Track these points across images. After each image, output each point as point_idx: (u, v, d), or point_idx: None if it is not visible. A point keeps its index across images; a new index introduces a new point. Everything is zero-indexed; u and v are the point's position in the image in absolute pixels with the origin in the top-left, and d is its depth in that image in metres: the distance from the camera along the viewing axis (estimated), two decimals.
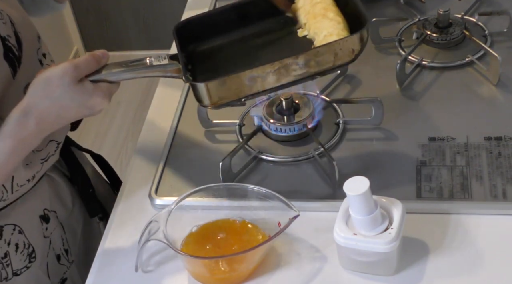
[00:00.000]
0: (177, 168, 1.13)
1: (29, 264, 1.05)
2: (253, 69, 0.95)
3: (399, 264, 0.92)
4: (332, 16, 1.02)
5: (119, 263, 1.01)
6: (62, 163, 1.13)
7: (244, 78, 0.95)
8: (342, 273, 0.94)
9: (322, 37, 1.00)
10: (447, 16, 1.27)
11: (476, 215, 0.98)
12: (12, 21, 0.98)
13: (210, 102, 0.97)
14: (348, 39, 0.96)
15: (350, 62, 0.98)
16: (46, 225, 1.08)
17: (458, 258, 0.94)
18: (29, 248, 1.05)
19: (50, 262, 1.09)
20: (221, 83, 0.96)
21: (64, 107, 0.91)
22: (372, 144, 1.12)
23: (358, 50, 0.96)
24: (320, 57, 0.95)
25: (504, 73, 1.18)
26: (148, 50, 3.06)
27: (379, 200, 0.91)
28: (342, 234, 0.89)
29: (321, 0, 1.05)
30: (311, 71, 0.96)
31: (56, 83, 0.89)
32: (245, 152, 1.12)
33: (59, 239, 1.11)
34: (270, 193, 0.97)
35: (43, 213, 1.08)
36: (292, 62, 0.95)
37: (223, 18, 1.01)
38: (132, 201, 1.10)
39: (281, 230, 0.92)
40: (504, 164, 1.04)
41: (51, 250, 1.09)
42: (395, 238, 0.88)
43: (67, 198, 1.14)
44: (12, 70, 0.96)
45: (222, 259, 0.94)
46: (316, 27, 1.02)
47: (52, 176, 1.10)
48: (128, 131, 2.78)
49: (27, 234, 1.04)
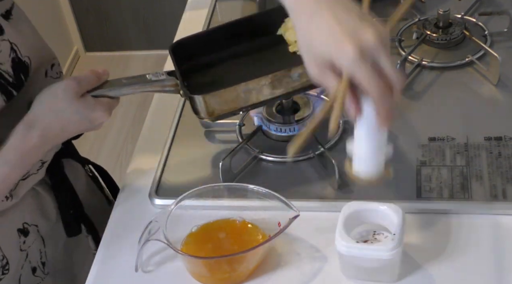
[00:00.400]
0: (177, 168, 1.13)
1: (1, 276, 1.03)
2: (248, 82, 0.99)
3: (401, 270, 0.92)
4: None
5: (119, 263, 1.01)
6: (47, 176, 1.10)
7: (240, 90, 0.99)
8: (341, 274, 0.94)
9: None
10: (447, 16, 1.27)
11: (476, 215, 0.98)
12: (14, 48, 0.98)
13: (207, 114, 1.01)
14: None
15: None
16: (24, 238, 1.06)
17: (458, 259, 0.94)
18: (3, 260, 1.02)
19: (24, 274, 1.06)
20: (218, 96, 1.00)
21: (67, 121, 0.95)
22: None
23: None
24: None
25: (504, 73, 1.18)
26: (148, 50, 3.06)
27: (379, 206, 0.91)
28: (344, 242, 0.89)
29: None
30: (304, 84, 1.00)
31: (60, 98, 0.94)
32: (245, 152, 1.12)
33: (37, 252, 1.08)
34: (270, 193, 0.97)
35: (22, 226, 1.05)
36: (285, 74, 0.98)
37: (216, 37, 1.05)
38: (132, 201, 1.10)
39: (281, 230, 0.92)
40: (504, 164, 1.04)
41: (27, 262, 1.07)
42: (397, 244, 0.87)
43: (51, 211, 1.10)
44: (4, 96, 0.95)
45: (222, 259, 0.94)
46: None
47: (37, 190, 1.08)
48: (128, 132, 2.78)
49: (2, 246, 1.02)
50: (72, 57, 3.15)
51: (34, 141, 0.93)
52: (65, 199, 1.11)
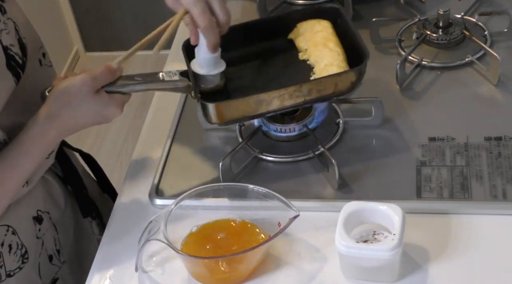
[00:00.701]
0: (177, 168, 1.13)
1: (22, 265, 1.05)
2: (260, 94, 1.03)
3: (401, 270, 0.92)
4: (332, 47, 1.09)
5: (119, 263, 1.01)
6: (55, 164, 1.14)
7: (252, 101, 1.03)
8: (341, 274, 0.94)
9: (323, 66, 1.07)
10: (447, 16, 1.27)
11: (476, 215, 0.99)
12: (17, 29, 1.01)
13: (217, 120, 1.05)
14: (349, 73, 1.05)
15: (348, 91, 1.06)
16: (39, 226, 1.08)
17: (458, 259, 0.94)
18: (22, 249, 1.05)
19: (42, 262, 1.09)
20: (229, 105, 1.04)
21: (81, 115, 0.99)
22: (372, 144, 1.12)
23: (356, 82, 1.05)
24: (322, 86, 1.04)
25: (504, 73, 1.18)
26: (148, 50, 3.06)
27: (379, 206, 0.91)
28: (344, 242, 0.89)
29: (322, 29, 1.13)
30: (312, 98, 1.04)
31: (75, 93, 0.97)
32: (245, 152, 1.12)
33: (51, 239, 1.11)
34: (270, 193, 0.97)
35: (37, 214, 1.08)
36: (296, 89, 1.03)
37: (228, 37, 1.05)
38: (132, 201, 1.10)
39: (281, 230, 0.92)
40: (504, 164, 1.04)
41: (43, 250, 1.10)
42: (397, 244, 0.87)
43: (60, 199, 1.14)
44: (15, 78, 0.99)
45: (222, 259, 0.94)
46: (316, 55, 1.10)
47: (46, 177, 1.11)
48: (128, 131, 2.78)
49: (20, 235, 1.05)
50: (72, 57, 3.15)
51: (52, 134, 0.98)
52: (75, 182, 1.16)
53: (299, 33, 1.15)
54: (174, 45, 1.39)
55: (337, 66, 1.06)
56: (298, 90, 1.03)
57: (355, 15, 1.38)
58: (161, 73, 1.06)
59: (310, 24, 1.15)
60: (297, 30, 1.15)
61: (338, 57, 1.08)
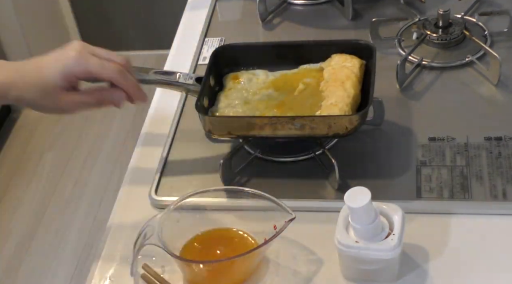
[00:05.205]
0: (177, 168, 1.13)
1: None
2: (252, 117, 1.05)
3: (400, 270, 0.92)
4: (348, 87, 1.07)
5: (118, 264, 1.01)
6: None
7: (244, 122, 1.04)
8: (338, 276, 0.94)
9: (329, 104, 1.06)
10: (447, 16, 1.27)
11: (476, 215, 0.99)
12: None
13: (206, 131, 1.07)
14: (343, 118, 1.02)
15: (345, 135, 1.02)
16: None
17: (458, 259, 0.94)
18: None
19: None
20: (220, 120, 1.06)
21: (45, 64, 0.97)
22: (372, 144, 1.12)
23: (351, 128, 1.01)
24: (315, 124, 1.02)
25: (504, 73, 1.18)
26: (148, 50, 3.06)
27: (379, 206, 0.91)
28: (343, 242, 0.89)
29: (351, 65, 1.11)
30: (305, 134, 1.03)
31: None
32: (245, 152, 1.12)
33: None
34: (266, 195, 0.96)
35: None
36: (288, 121, 1.01)
37: (261, 52, 1.09)
38: (132, 201, 1.10)
39: (277, 234, 0.91)
40: (504, 164, 1.04)
41: None
42: (397, 244, 0.87)
43: None
44: None
45: (217, 264, 0.94)
46: (330, 91, 1.08)
47: None
48: (128, 131, 2.78)
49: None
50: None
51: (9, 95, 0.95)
52: None
53: (330, 64, 1.13)
54: (174, 45, 1.39)
55: (339, 109, 1.03)
56: (290, 122, 1.01)
57: (355, 15, 1.38)
58: (178, 73, 1.09)
59: (343, 58, 1.12)
60: (330, 60, 1.14)
61: (346, 99, 1.05)
